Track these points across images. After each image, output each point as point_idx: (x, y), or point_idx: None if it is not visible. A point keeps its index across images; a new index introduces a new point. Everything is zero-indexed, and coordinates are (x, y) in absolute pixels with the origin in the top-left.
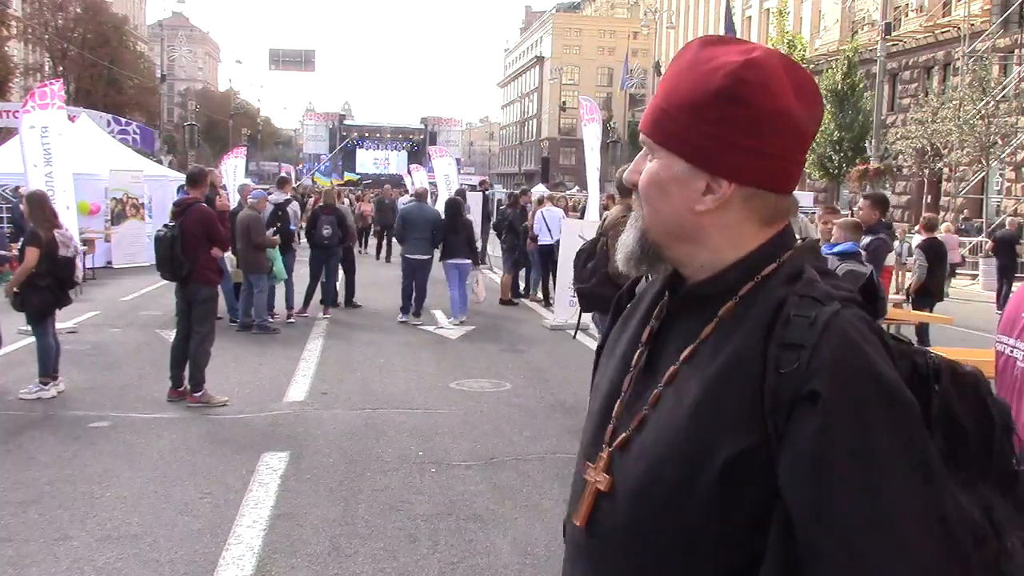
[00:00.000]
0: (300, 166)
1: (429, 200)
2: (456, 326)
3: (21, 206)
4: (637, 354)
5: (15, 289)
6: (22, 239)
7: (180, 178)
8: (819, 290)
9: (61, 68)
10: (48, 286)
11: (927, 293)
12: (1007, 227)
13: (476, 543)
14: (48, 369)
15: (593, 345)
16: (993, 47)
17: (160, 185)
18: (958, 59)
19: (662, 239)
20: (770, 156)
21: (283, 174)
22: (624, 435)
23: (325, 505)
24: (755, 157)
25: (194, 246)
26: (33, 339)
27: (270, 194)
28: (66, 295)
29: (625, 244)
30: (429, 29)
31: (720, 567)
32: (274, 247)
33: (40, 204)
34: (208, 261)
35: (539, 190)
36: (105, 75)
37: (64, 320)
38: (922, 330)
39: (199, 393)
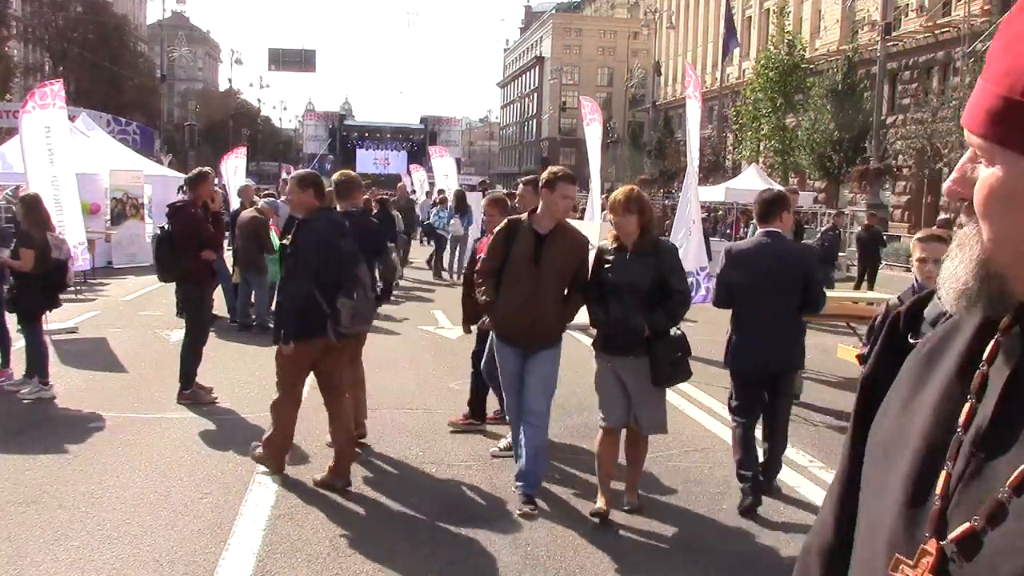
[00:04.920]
0: (300, 166)
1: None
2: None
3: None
4: (967, 409)
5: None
6: (14, 241)
7: (180, 178)
8: None
9: (61, 68)
10: (41, 288)
11: None
12: None
13: (476, 543)
14: (45, 369)
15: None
16: None
17: (160, 185)
18: (958, 59)
19: (1014, 268)
20: None
21: (283, 175)
22: (968, 526)
23: (325, 505)
24: None
25: (183, 248)
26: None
27: (267, 194)
28: (57, 298)
29: (953, 276)
30: (429, 29)
31: None
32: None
33: (35, 206)
34: (198, 262)
35: None
36: (105, 75)
37: (64, 320)
38: None
39: (188, 391)
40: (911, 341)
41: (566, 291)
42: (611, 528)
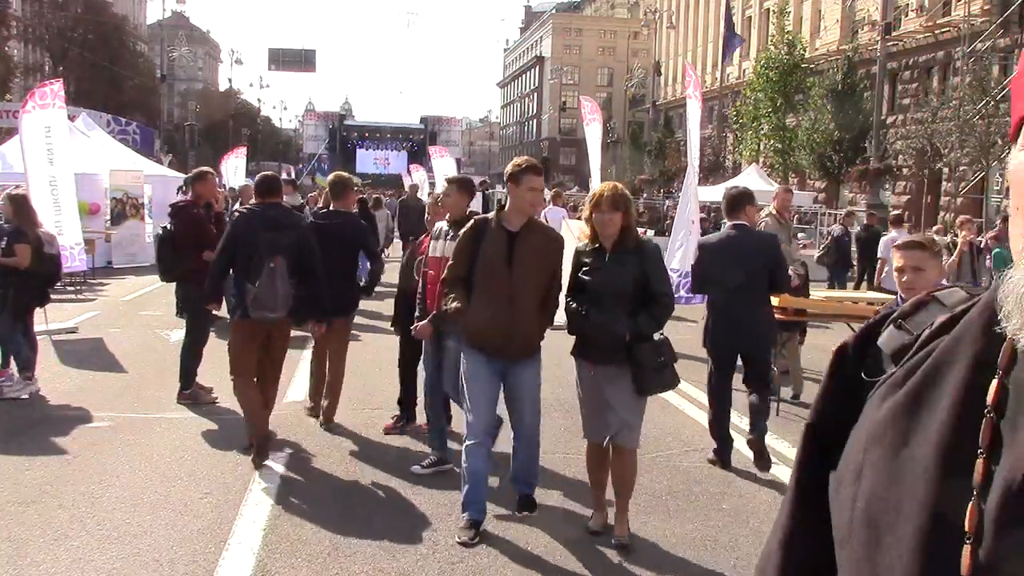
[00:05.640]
0: (300, 166)
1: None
2: None
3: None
4: (980, 469)
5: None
6: (6, 238)
7: (180, 178)
8: None
9: (61, 68)
10: (37, 284)
11: None
12: None
13: (476, 543)
14: (31, 364)
15: None
16: (993, 47)
17: (160, 185)
18: (958, 59)
19: None
20: None
21: (283, 175)
22: None
23: (325, 505)
24: None
25: (185, 248)
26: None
27: None
28: (47, 293)
29: None
30: (429, 29)
31: None
32: None
33: (24, 204)
34: (199, 262)
35: None
36: (105, 75)
37: (64, 320)
38: None
39: (188, 391)
40: (866, 379)
41: (543, 295)
42: (611, 528)
